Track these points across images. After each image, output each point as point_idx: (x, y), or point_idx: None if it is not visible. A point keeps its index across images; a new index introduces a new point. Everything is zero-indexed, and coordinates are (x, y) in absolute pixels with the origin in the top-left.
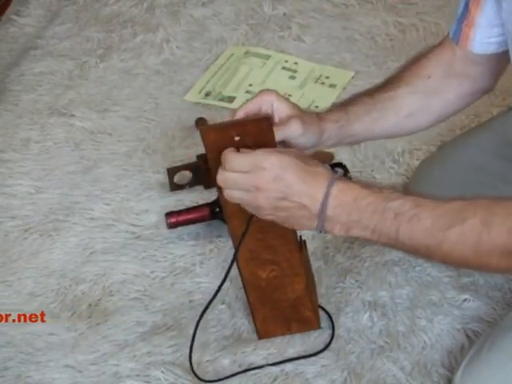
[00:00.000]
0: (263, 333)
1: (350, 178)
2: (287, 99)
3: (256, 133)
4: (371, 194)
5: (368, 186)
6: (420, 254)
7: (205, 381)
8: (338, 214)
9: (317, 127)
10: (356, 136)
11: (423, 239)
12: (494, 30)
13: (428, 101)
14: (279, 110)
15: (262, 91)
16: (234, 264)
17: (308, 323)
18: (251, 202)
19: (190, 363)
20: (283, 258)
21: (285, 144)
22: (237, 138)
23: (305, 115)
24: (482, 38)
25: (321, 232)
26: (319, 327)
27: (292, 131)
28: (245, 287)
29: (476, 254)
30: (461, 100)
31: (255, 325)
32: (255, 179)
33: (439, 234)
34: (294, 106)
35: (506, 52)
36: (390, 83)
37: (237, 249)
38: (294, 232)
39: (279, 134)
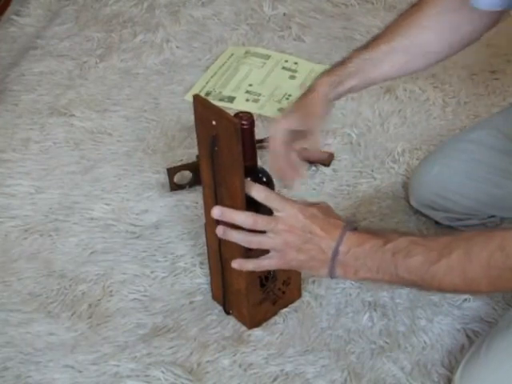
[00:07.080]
0: (215, 296)
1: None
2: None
3: (225, 130)
4: (372, 237)
5: (372, 231)
6: (419, 287)
7: None
8: (347, 259)
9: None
10: (370, 81)
11: (418, 273)
12: None
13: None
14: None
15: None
16: None
17: (243, 320)
18: (280, 241)
19: None
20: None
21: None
22: (214, 123)
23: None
24: None
25: (332, 278)
26: (250, 328)
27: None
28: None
29: (465, 281)
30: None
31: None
32: (289, 223)
33: (430, 267)
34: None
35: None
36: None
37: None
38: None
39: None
